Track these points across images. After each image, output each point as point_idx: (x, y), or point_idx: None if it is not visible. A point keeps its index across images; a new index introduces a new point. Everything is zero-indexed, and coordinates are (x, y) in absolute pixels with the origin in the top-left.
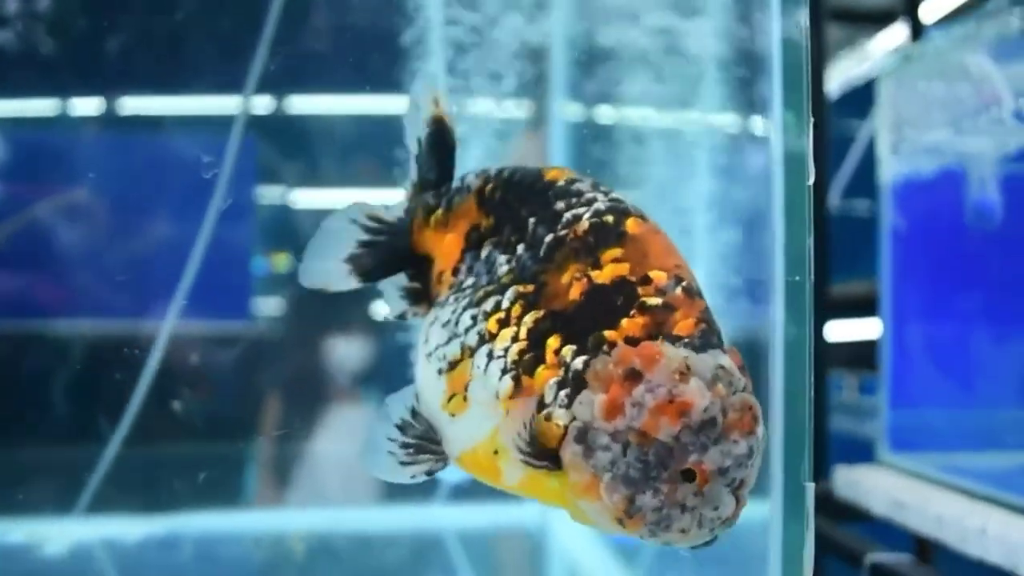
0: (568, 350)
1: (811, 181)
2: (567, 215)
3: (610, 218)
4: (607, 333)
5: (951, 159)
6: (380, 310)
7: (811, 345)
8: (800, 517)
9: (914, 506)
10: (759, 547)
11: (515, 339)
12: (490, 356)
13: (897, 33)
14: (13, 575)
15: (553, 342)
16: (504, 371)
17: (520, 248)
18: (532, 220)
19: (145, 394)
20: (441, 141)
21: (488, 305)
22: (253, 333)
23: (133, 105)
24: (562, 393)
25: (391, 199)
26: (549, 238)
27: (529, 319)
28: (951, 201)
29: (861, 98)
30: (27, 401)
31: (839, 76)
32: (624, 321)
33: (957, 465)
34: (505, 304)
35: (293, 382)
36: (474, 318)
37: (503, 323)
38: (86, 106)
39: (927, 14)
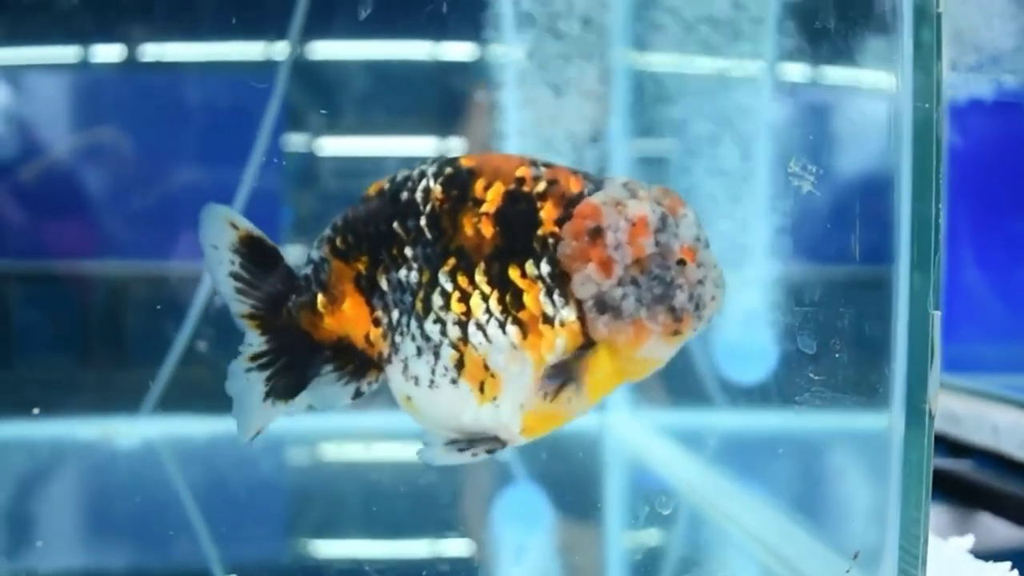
0: (530, 267)
1: (940, 8)
2: (417, 196)
3: (449, 169)
4: (539, 232)
5: (1013, 75)
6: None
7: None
8: (921, 430)
9: (968, 418)
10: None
11: (485, 298)
12: (481, 327)
13: None
14: (87, 467)
15: (513, 272)
16: (502, 324)
17: (408, 250)
18: (395, 225)
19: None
20: (264, 252)
21: (437, 303)
22: None
23: (160, 52)
24: (555, 297)
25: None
26: (423, 220)
27: (479, 276)
28: (1012, 119)
29: None
30: (101, 318)
31: None
32: (541, 215)
33: (1010, 384)
34: (449, 288)
35: None
36: (438, 321)
37: (464, 298)
38: (112, 52)
39: None
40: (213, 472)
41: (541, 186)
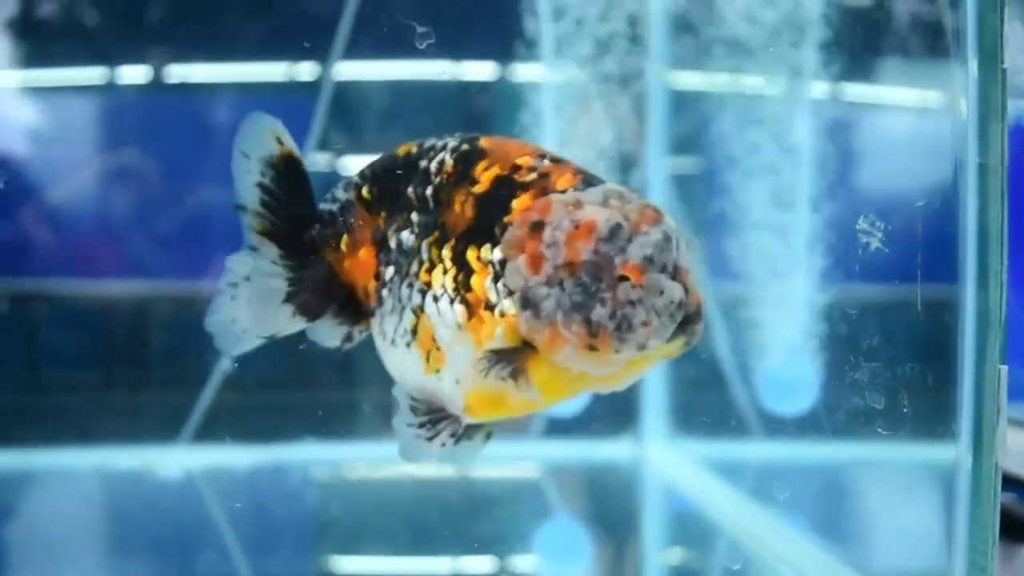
0: (486, 250)
1: (1005, 65)
2: (432, 165)
3: (466, 146)
4: (506, 219)
5: None
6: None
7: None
8: (990, 459)
9: (1011, 448)
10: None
11: (445, 272)
12: (436, 299)
13: None
14: (129, 499)
15: (471, 253)
16: (452, 301)
17: (414, 216)
18: (409, 190)
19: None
20: (297, 176)
21: (414, 269)
22: None
23: (187, 73)
24: (499, 285)
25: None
26: (429, 190)
27: (446, 251)
28: None
29: None
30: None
31: None
32: (514, 203)
33: None
34: (424, 256)
35: None
36: (410, 286)
37: (431, 269)
38: (139, 74)
39: None
40: (254, 500)
41: (531, 177)
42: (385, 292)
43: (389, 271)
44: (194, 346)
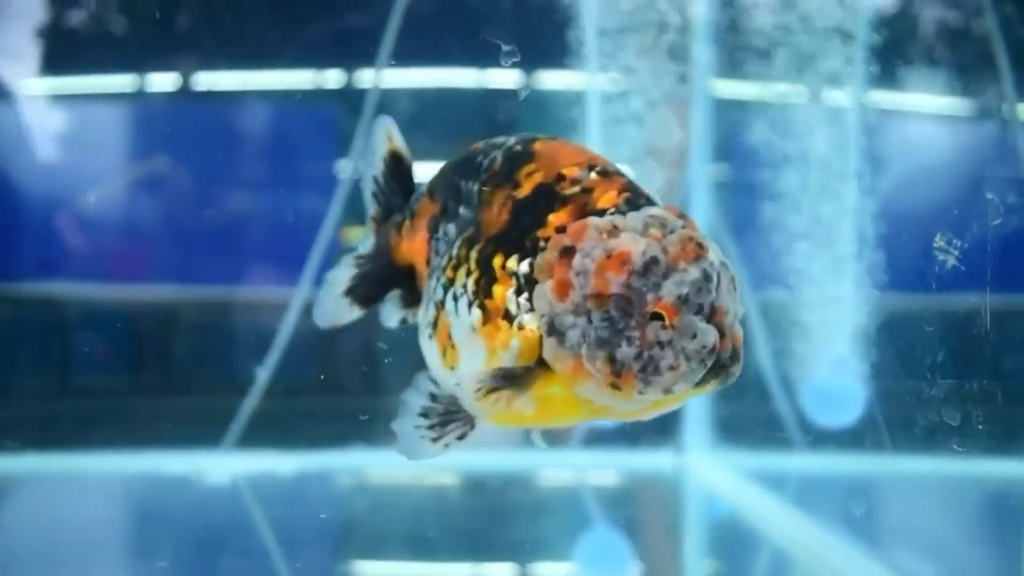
0: (512, 260)
1: None
2: (485, 163)
3: (519, 147)
4: (539, 232)
5: None
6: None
7: None
8: None
9: None
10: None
11: (469, 273)
12: (455, 298)
13: None
14: (177, 504)
15: (498, 260)
16: (470, 304)
17: (461, 209)
18: (463, 183)
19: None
20: (400, 169)
21: (443, 262)
22: None
23: (214, 81)
24: (521, 299)
25: None
26: (475, 186)
27: (474, 252)
28: None
29: None
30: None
31: None
32: (550, 217)
33: None
34: (454, 252)
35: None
36: (438, 279)
37: (456, 267)
38: (169, 82)
39: None
40: (298, 506)
41: (573, 190)
42: (431, 281)
43: (435, 259)
44: (233, 352)
